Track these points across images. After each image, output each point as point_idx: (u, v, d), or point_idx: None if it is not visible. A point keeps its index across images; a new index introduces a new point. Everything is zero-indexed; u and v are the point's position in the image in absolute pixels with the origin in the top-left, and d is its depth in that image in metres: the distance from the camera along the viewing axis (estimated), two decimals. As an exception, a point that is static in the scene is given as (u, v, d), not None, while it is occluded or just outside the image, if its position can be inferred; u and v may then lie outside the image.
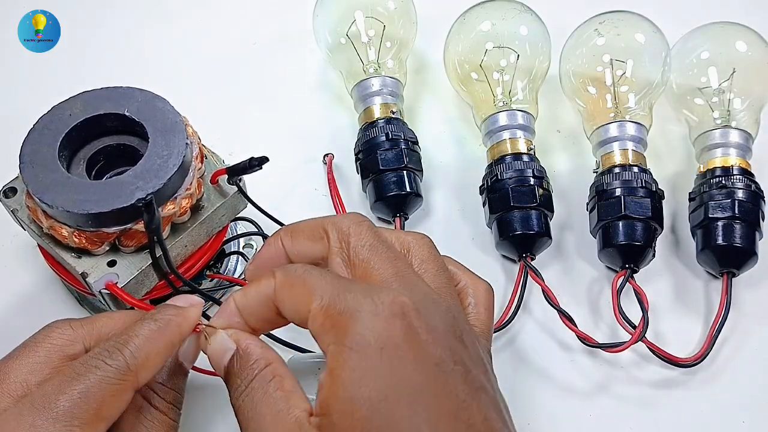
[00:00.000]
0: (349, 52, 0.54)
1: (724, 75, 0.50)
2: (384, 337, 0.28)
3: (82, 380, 0.29)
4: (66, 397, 0.28)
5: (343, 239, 0.32)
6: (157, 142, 0.38)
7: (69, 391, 0.29)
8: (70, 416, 0.28)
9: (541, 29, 0.53)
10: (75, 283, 0.40)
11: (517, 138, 0.49)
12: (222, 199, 0.41)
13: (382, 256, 0.32)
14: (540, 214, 0.47)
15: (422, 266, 0.33)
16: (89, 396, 0.29)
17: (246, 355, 0.31)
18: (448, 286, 0.33)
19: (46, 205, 0.36)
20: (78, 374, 0.29)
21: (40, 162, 0.37)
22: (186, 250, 0.40)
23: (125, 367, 0.30)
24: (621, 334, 0.45)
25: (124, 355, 0.30)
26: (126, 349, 0.30)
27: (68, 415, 0.28)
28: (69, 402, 0.28)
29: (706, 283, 0.48)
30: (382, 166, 0.48)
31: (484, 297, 0.35)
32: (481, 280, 0.36)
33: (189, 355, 0.34)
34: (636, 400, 0.44)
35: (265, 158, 0.38)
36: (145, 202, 0.31)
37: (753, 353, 0.45)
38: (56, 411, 0.28)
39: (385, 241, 0.32)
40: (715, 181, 0.47)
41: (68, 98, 0.40)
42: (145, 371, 0.31)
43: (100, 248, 0.38)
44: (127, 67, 0.60)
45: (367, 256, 0.32)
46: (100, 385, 0.29)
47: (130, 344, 0.30)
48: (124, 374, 0.30)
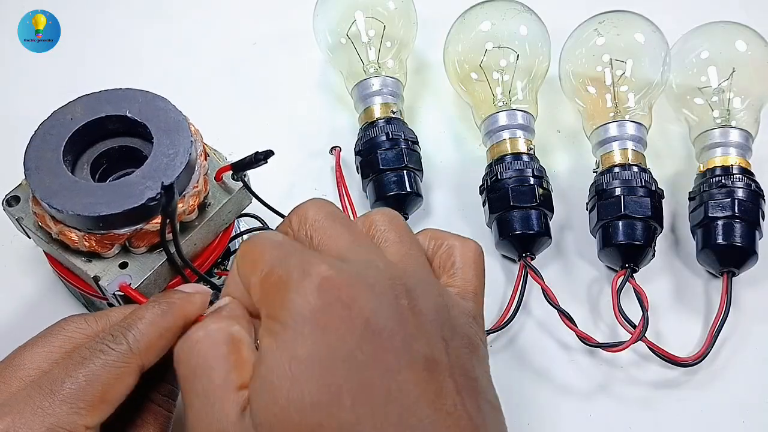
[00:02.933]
0: (349, 52, 0.54)
1: (723, 74, 0.50)
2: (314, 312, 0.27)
3: (87, 364, 0.30)
4: (71, 380, 0.29)
5: (301, 220, 0.31)
6: (161, 141, 0.38)
7: (74, 374, 0.29)
8: (76, 398, 0.29)
9: (541, 29, 0.53)
10: (85, 287, 0.40)
11: (516, 138, 0.49)
12: (228, 196, 0.41)
13: (337, 229, 0.31)
14: (540, 213, 0.47)
15: (383, 236, 0.32)
16: (94, 379, 0.29)
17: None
18: (412, 253, 0.32)
19: (55, 210, 0.36)
20: (83, 358, 0.30)
21: (46, 167, 0.37)
22: (195, 248, 0.40)
23: (129, 351, 0.30)
24: (621, 334, 0.45)
25: (128, 339, 0.31)
26: (129, 333, 0.31)
27: (74, 397, 0.29)
28: (74, 385, 0.29)
29: (706, 283, 0.48)
30: (382, 165, 0.48)
31: (472, 258, 0.33)
32: (468, 241, 0.34)
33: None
34: (636, 400, 0.44)
35: (270, 152, 0.37)
36: (166, 186, 0.31)
37: (753, 353, 0.45)
38: (62, 394, 0.29)
39: (344, 217, 0.32)
40: (715, 181, 0.47)
41: (67, 102, 0.40)
42: (150, 354, 0.31)
43: (111, 251, 0.38)
44: (126, 67, 0.60)
45: (321, 228, 0.31)
46: (104, 369, 0.30)
47: (133, 328, 0.31)
48: (128, 357, 0.30)
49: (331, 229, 0.31)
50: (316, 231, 0.31)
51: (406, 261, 0.31)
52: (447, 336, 0.29)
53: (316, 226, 0.31)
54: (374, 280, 0.28)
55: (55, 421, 0.28)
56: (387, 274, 0.29)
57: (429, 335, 0.28)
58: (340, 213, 0.32)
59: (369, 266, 0.29)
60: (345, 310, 0.27)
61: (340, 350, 0.26)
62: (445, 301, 0.30)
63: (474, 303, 0.32)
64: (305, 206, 0.32)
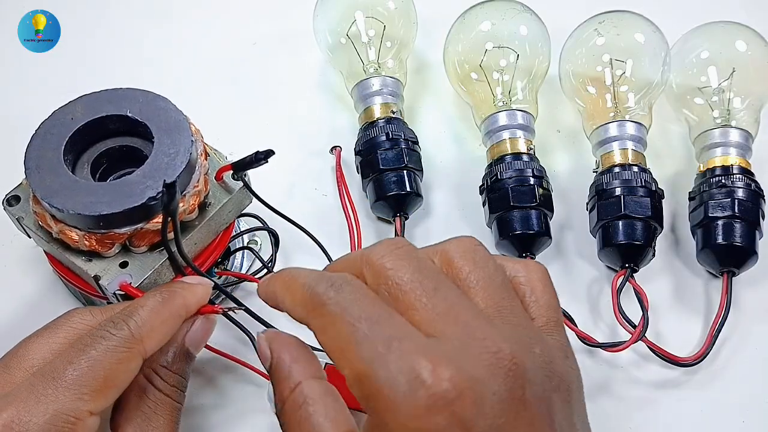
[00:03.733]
0: (349, 52, 0.54)
1: (723, 74, 0.50)
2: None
3: (89, 350, 0.30)
4: (74, 366, 0.30)
5: (380, 277, 0.28)
6: (162, 141, 0.38)
7: (77, 361, 0.30)
8: (79, 385, 0.29)
9: (541, 29, 0.53)
10: (85, 286, 0.40)
11: (516, 138, 0.49)
12: (228, 196, 0.41)
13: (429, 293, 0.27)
14: (540, 213, 0.47)
15: (468, 279, 0.29)
16: (96, 365, 0.30)
17: (278, 370, 0.30)
18: (505, 297, 0.29)
19: (56, 210, 0.36)
20: (85, 345, 0.30)
21: (46, 167, 0.37)
22: (196, 248, 0.40)
23: (130, 336, 0.31)
24: (621, 334, 0.45)
25: (129, 325, 0.31)
26: (131, 320, 0.31)
27: (77, 383, 0.29)
28: (77, 371, 0.29)
29: (706, 283, 0.48)
30: (383, 165, 0.48)
31: (542, 281, 0.31)
32: (530, 263, 0.31)
33: (196, 341, 0.35)
34: (636, 400, 0.44)
35: (270, 151, 0.37)
36: (168, 184, 0.31)
37: (753, 353, 0.45)
38: (65, 380, 0.29)
39: (429, 269, 0.28)
40: (715, 181, 0.47)
41: (68, 102, 0.40)
42: (151, 341, 0.32)
43: (111, 250, 0.38)
44: (126, 67, 0.60)
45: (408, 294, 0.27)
46: (106, 354, 0.30)
47: (135, 315, 0.31)
48: (130, 343, 0.31)
49: (419, 290, 0.27)
50: (402, 293, 0.27)
51: (505, 317, 0.28)
52: (554, 411, 0.27)
53: (400, 285, 0.27)
54: (485, 374, 0.25)
55: (59, 408, 0.29)
56: (498, 359, 0.26)
57: (540, 423, 0.26)
58: (421, 260, 0.29)
59: (475, 348, 0.26)
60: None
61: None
62: (547, 356, 0.28)
63: (559, 334, 0.30)
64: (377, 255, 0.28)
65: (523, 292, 0.30)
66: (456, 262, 0.29)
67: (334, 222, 0.50)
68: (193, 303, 0.33)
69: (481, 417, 0.25)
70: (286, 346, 0.30)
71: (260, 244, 0.48)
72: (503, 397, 0.25)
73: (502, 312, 0.28)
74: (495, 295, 0.29)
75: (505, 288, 0.29)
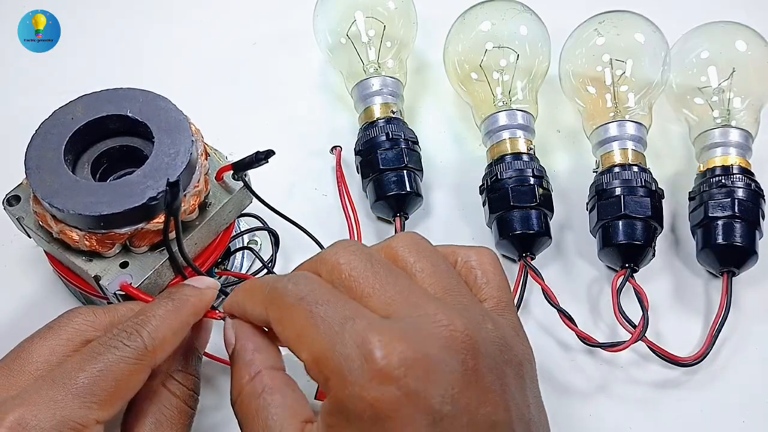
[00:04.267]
0: (349, 52, 0.54)
1: (723, 74, 0.50)
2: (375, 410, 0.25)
3: (102, 359, 0.30)
4: (85, 374, 0.29)
5: (334, 272, 0.29)
6: (162, 141, 0.38)
7: (89, 368, 0.30)
8: (89, 393, 0.29)
9: (541, 29, 0.53)
10: (85, 287, 0.40)
11: (516, 138, 0.49)
12: (228, 196, 0.41)
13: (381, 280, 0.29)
14: (540, 213, 0.47)
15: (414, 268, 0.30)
16: (108, 374, 0.30)
17: (240, 357, 0.31)
18: (452, 282, 0.30)
19: (56, 210, 0.36)
20: (97, 353, 0.30)
21: (47, 167, 0.37)
22: (196, 248, 0.40)
23: (143, 348, 0.31)
24: (621, 334, 0.45)
25: (142, 336, 0.31)
26: (144, 330, 0.31)
27: (87, 391, 0.29)
28: (88, 379, 0.29)
29: (706, 283, 0.48)
30: (383, 165, 0.48)
31: (492, 265, 0.32)
32: (480, 249, 0.33)
33: (204, 343, 0.35)
34: (636, 400, 0.44)
35: (271, 151, 0.37)
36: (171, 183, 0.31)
37: (753, 353, 0.45)
38: (76, 387, 0.29)
39: (378, 260, 0.30)
40: (715, 180, 0.47)
41: (68, 102, 0.40)
42: (163, 351, 0.32)
43: (112, 250, 0.38)
44: (127, 67, 0.60)
45: (360, 282, 0.29)
46: (118, 365, 0.30)
47: (147, 325, 0.31)
48: (143, 354, 0.31)
49: (374, 279, 0.29)
50: (356, 282, 0.29)
51: (454, 297, 0.29)
52: (507, 383, 0.28)
53: (354, 276, 0.29)
54: (437, 347, 0.26)
55: (67, 414, 0.29)
56: (448, 332, 0.27)
57: (493, 394, 0.27)
58: (371, 255, 0.30)
59: (427, 324, 0.27)
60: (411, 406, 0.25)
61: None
62: (499, 332, 0.29)
63: (510, 314, 0.31)
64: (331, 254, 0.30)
65: (474, 275, 0.32)
66: (401, 254, 0.31)
67: (334, 222, 0.50)
68: (201, 309, 0.33)
69: (434, 387, 0.25)
70: (251, 335, 0.31)
71: (260, 244, 0.48)
72: (455, 368, 0.26)
73: (451, 293, 0.30)
74: (442, 279, 0.30)
75: (451, 274, 0.31)
